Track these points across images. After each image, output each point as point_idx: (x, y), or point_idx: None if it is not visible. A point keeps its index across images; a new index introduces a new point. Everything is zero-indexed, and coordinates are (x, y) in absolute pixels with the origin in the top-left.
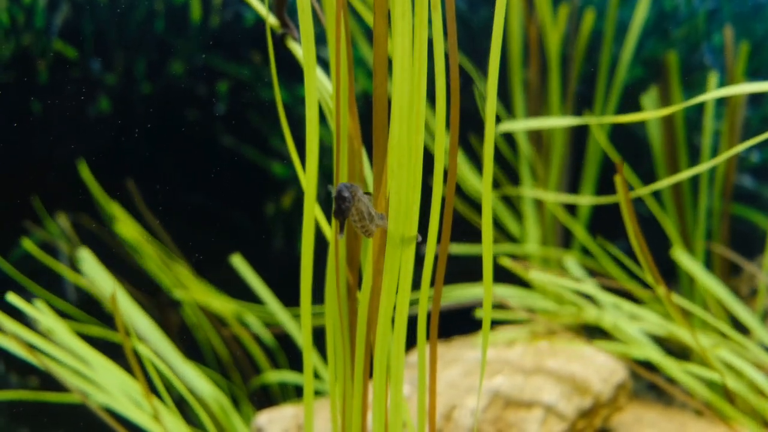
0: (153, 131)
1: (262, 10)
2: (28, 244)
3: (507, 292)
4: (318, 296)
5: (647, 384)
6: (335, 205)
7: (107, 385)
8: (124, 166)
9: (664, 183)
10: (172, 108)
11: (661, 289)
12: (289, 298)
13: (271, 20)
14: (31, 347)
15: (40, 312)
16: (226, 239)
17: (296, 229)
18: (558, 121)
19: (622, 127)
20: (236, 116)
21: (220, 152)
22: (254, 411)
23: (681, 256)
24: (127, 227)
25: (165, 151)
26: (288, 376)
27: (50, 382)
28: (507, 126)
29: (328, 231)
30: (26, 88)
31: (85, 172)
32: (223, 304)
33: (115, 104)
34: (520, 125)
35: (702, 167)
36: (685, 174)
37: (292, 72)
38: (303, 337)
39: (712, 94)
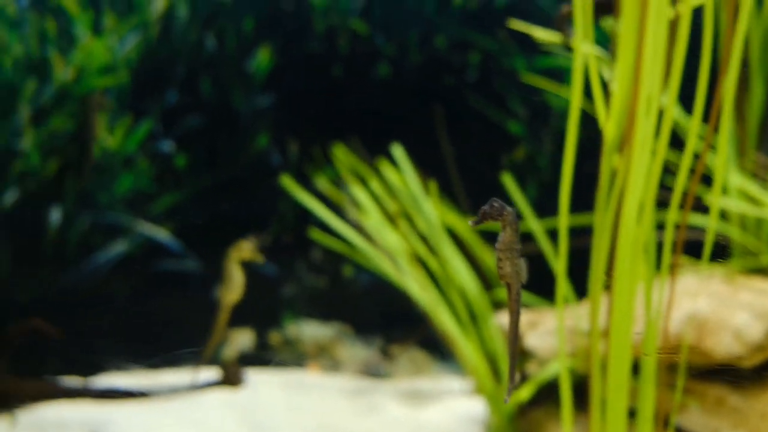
0: (420, 93)
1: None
2: (339, 152)
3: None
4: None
5: None
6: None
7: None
8: (398, 120)
9: None
10: (434, 74)
11: None
12: None
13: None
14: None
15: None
16: (470, 179)
17: (526, 177)
18: None
19: None
20: (483, 82)
21: (469, 111)
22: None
23: None
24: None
25: (428, 108)
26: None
27: (337, 282)
28: None
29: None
30: (332, 56)
31: (367, 124)
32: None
33: (393, 70)
34: None
35: None
36: None
37: (533, 47)
38: (560, 242)
39: None
